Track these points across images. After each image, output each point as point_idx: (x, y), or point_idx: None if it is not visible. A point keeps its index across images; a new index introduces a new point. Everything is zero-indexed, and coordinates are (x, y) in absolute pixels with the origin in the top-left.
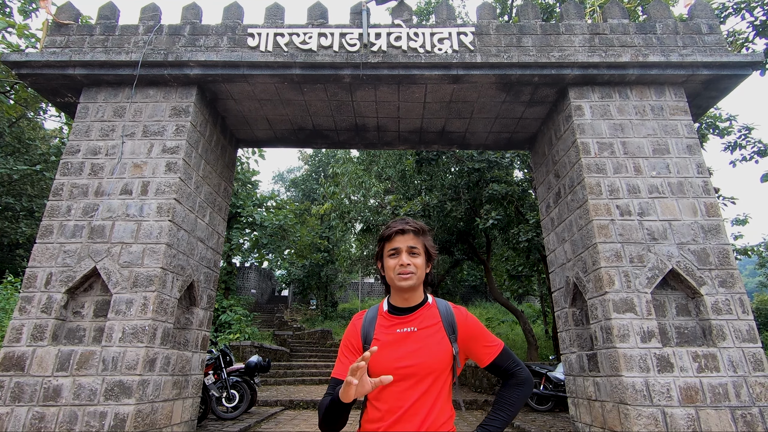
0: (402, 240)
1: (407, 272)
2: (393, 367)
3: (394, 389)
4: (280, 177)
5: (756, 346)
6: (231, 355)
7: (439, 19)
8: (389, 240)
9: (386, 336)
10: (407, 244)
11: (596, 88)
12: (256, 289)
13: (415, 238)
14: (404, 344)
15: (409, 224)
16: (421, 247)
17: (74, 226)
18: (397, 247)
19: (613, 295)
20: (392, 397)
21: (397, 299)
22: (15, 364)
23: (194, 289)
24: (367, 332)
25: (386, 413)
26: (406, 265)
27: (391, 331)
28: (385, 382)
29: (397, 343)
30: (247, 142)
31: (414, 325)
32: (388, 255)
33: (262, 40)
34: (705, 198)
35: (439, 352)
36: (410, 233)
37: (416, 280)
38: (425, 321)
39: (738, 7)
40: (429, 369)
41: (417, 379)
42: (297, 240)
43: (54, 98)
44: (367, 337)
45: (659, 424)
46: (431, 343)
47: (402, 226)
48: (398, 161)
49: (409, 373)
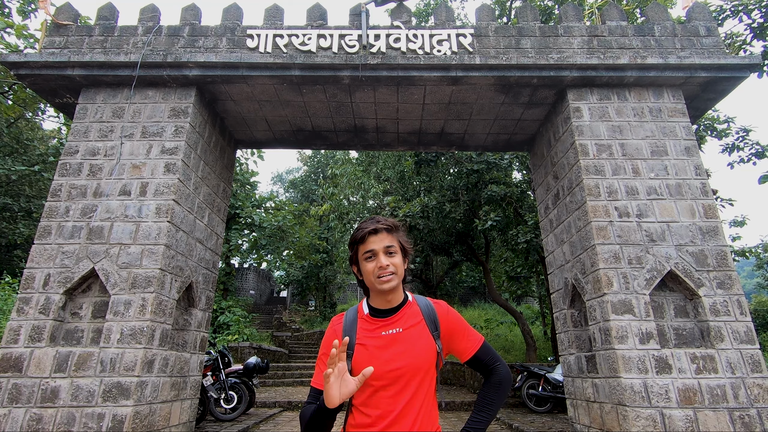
0: (376, 240)
1: (387, 273)
2: (383, 371)
3: (384, 394)
4: (279, 178)
5: (754, 347)
6: (229, 357)
7: (438, 20)
8: (363, 242)
9: (372, 340)
10: (383, 245)
11: (595, 90)
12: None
13: (390, 236)
14: (391, 346)
15: (381, 222)
16: (396, 244)
17: (73, 227)
18: (372, 248)
19: (611, 297)
20: (383, 402)
21: (379, 301)
22: (12, 366)
23: (193, 290)
24: (348, 337)
25: (377, 419)
26: (386, 266)
27: (376, 334)
28: (367, 375)
29: (385, 346)
30: (246, 143)
31: (399, 326)
32: (364, 258)
33: (261, 42)
34: (703, 200)
35: (425, 351)
36: (383, 232)
37: (397, 279)
38: (409, 320)
39: (736, 9)
40: (416, 369)
41: (406, 380)
42: (296, 241)
43: (53, 99)
44: (350, 342)
45: (657, 425)
46: (417, 343)
47: (374, 226)
48: (397, 162)
49: (398, 376)
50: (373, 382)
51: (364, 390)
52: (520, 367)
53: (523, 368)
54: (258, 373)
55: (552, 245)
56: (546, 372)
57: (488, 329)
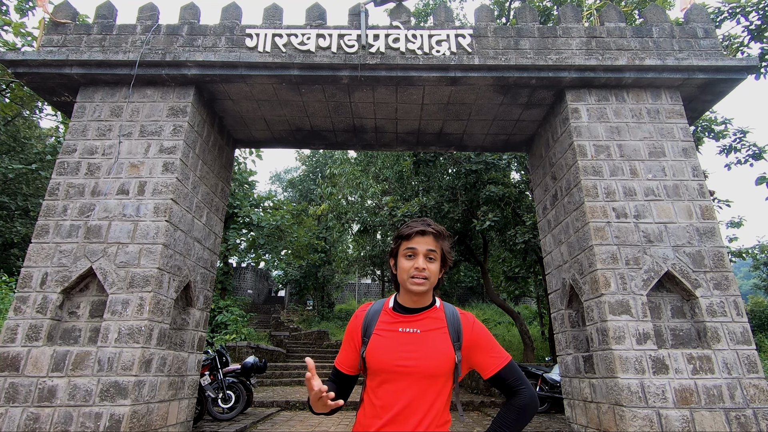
0: (421, 241)
1: (421, 277)
2: (392, 364)
3: (389, 387)
4: (277, 177)
5: (750, 348)
6: (227, 356)
7: (438, 21)
8: (408, 239)
9: (388, 333)
10: (426, 247)
11: (593, 91)
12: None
13: (435, 242)
14: (405, 343)
15: (431, 226)
16: (439, 251)
17: (70, 226)
18: (414, 247)
19: (609, 297)
20: (388, 393)
21: (406, 300)
22: (9, 365)
23: (191, 289)
24: (368, 326)
25: (381, 410)
26: (422, 269)
27: (392, 328)
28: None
29: (397, 341)
30: (245, 143)
31: (417, 327)
32: (404, 255)
33: (260, 41)
34: (700, 201)
35: (440, 357)
36: (431, 236)
37: (429, 286)
38: (430, 324)
39: (733, 11)
40: (427, 372)
41: (414, 379)
42: (294, 240)
43: (50, 97)
44: (367, 330)
45: (654, 425)
46: (432, 347)
47: (423, 227)
48: (396, 162)
49: (406, 372)
50: (381, 372)
51: (374, 377)
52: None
53: (521, 368)
54: (256, 373)
55: (550, 246)
56: (543, 372)
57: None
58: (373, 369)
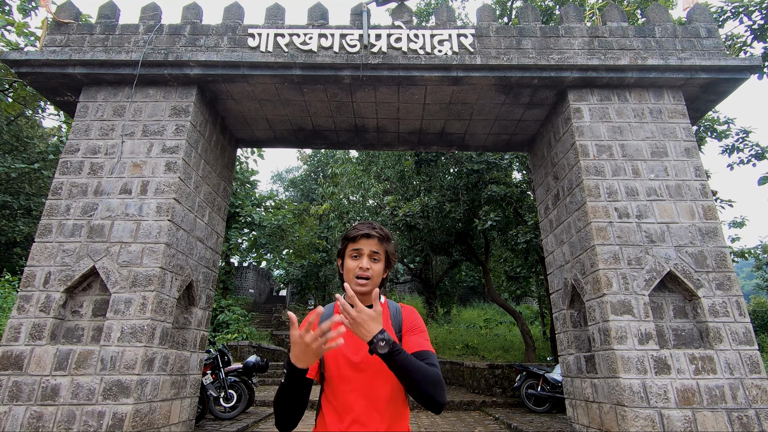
0: (366, 243)
1: (365, 276)
2: (347, 360)
3: (345, 387)
4: (279, 177)
5: (752, 348)
6: (229, 355)
7: (439, 20)
8: (354, 241)
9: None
10: (370, 249)
11: (595, 91)
12: (254, 288)
13: (379, 244)
14: (356, 341)
15: (376, 229)
16: (382, 253)
17: (73, 225)
18: (359, 248)
19: (611, 297)
20: (345, 393)
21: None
22: (13, 363)
23: (193, 288)
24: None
25: (342, 411)
26: (366, 269)
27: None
28: (333, 347)
29: (351, 337)
30: (247, 142)
31: None
32: (350, 255)
33: (262, 41)
34: (702, 201)
35: None
36: (375, 238)
37: (371, 286)
38: None
39: (736, 11)
40: (378, 367)
41: (371, 373)
42: (295, 240)
43: (53, 97)
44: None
45: (656, 425)
46: None
47: (368, 231)
48: (397, 162)
49: (363, 368)
50: (338, 373)
51: (330, 380)
52: (519, 366)
53: (522, 368)
54: (257, 372)
55: (552, 245)
56: (545, 372)
57: (487, 329)
58: (332, 366)
